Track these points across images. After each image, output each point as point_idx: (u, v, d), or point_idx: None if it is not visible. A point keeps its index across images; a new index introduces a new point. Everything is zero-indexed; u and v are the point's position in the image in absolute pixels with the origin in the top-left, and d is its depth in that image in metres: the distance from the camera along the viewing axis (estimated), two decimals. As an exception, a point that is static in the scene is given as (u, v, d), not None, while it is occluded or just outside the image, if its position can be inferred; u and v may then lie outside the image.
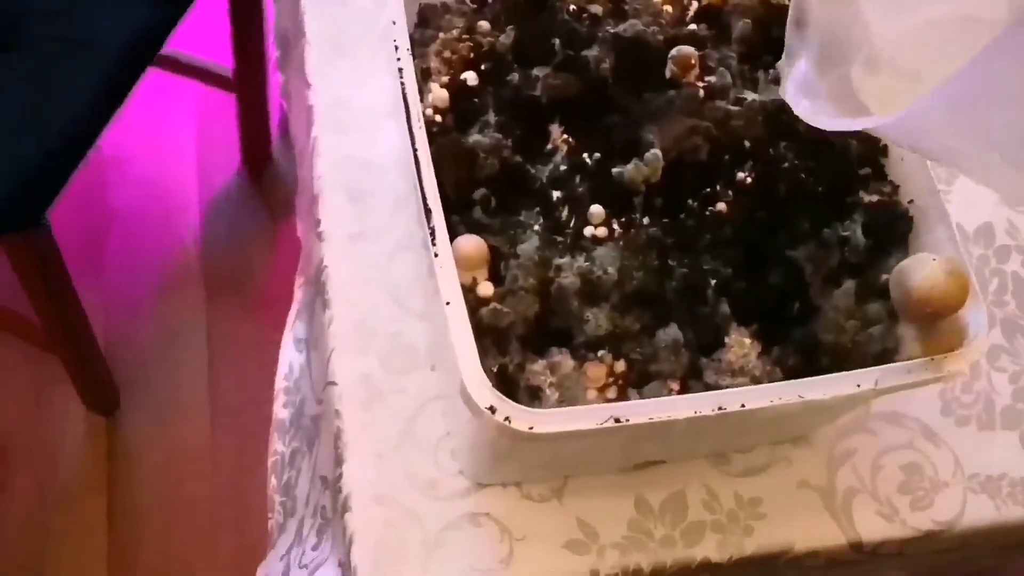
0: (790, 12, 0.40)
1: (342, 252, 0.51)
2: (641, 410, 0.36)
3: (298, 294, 0.66)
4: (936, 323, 0.40)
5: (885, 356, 0.40)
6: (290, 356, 0.65)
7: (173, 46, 1.06)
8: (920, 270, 0.39)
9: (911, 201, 0.44)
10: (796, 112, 0.38)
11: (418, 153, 0.38)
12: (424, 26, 0.43)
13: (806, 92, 0.39)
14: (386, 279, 0.50)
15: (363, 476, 0.46)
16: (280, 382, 0.65)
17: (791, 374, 0.40)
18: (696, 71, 0.44)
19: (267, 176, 1.41)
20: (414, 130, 0.39)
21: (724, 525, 0.48)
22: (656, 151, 0.41)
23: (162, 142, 1.44)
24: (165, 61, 1.18)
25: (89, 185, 1.37)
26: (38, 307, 0.99)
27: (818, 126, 0.38)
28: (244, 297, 1.33)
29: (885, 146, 0.45)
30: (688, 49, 0.43)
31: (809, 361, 0.40)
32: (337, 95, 0.54)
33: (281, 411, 0.65)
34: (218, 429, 1.23)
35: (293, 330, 0.65)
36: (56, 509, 1.14)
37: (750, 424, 0.45)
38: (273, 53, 0.85)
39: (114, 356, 1.23)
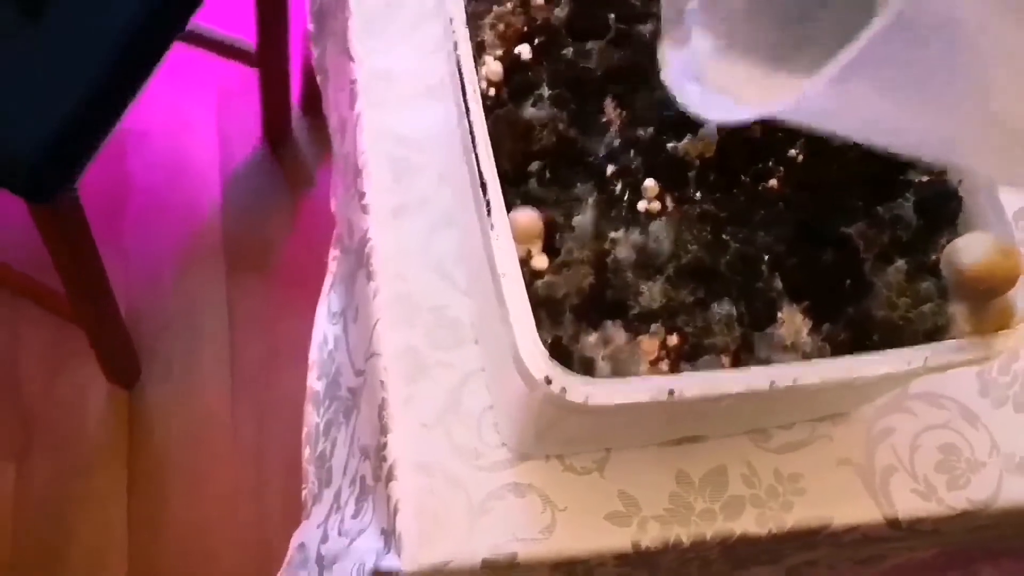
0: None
1: (386, 225, 0.51)
2: (695, 383, 0.37)
3: (332, 266, 0.66)
4: (987, 302, 0.40)
5: (936, 334, 0.40)
6: (324, 328, 0.65)
7: (194, 20, 1.05)
8: (974, 248, 0.39)
9: (960, 181, 0.44)
10: (684, 102, 0.38)
11: (474, 126, 0.39)
12: (478, 0, 0.43)
13: (692, 78, 0.38)
14: (429, 253, 0.50)
15: (407, 446, 0.47)
16: (314, 353, 0.65)
17: (841, 351, 0.40)
18: (750, 47, 0.44)
19: (287, 150, 1.41)
20: (470, 103, 0.39)
21: (763, 500, 0.48)
22: (711, 126, 0.41)
23: (182, 115, 1.44)
24: (187, 35, 1.18)
25: (109, 158, 1.37)
26: (65, 278, 1.00)
27: (710, 117, 0.38)
28: (264, 269, 1.34)
29: (935, 125, 0.45)
30: (742, 25, 0.43)
31: (860, 338, 0.40)
32: (380, 69, 0.54)
33: (315, 383, 0.65)
34: (237, 400, 1.24)
35: (327, 302, 0.66)
36: (77, 478, 1.15)
37: (794, 400, 0.46)
38: (306, 26, 0.85)
39: (134, 328, 1.24)
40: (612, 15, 0.43)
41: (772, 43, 0.38)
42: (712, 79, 0.38)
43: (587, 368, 0.38)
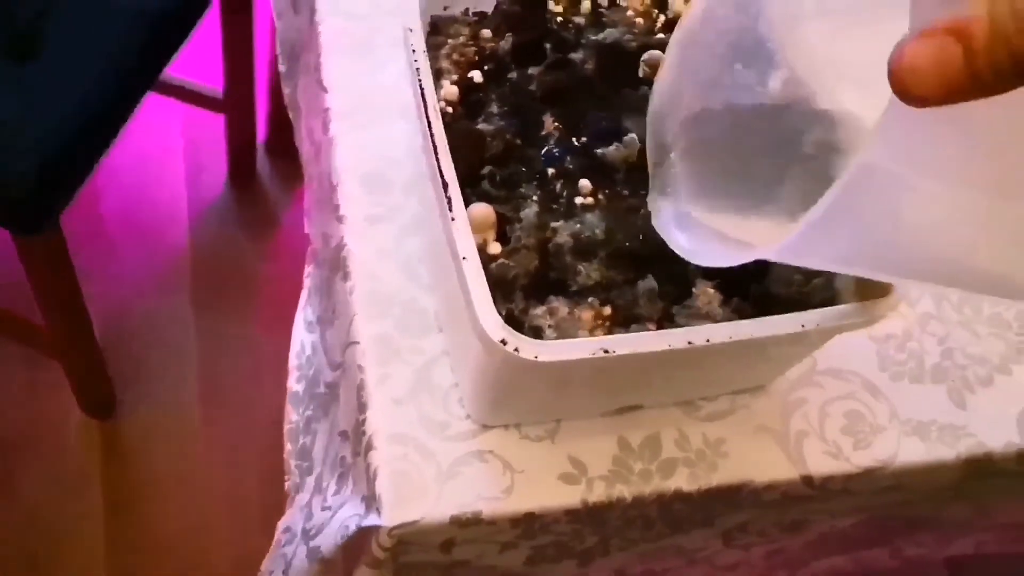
0: (648, 151, 0.44)
1: (360, 232, 0.58)
2: (624, 343, 0.44)
3: (307, 282, 0.73)
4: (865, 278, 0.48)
5: (825, 304, 0.48)
6: (301, 336, 0.72)
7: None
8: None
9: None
10: (674, 248, 0.42)
11: (435, 137, 0.46)
12: (436, 34, 0.51)
13: (681, 225, 0.43)
14: (398, 255, 0.58)
15: (384, 420, 0.53)
16: (293, 360, 0.72)
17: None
18: (665, 71, 0.52)
19: (253, 188, 1.48)
20: (431, 119, 0.47)
21: (693, 461, 0.56)
22: (633, 135, 0.49)
23: (152, 154, 1.50)
24: (158, 83, 1.25)
25: (81, 193, 1.42)
26: (46, 310, 1.05)
27: (699, 263, 0.42)
28: (232, 298, 1.39)
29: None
30: (657, 53, 0.51)
31: (763, 309, 0.48)
32: (352, 95, 0.62)
33: (295, 385, 0.72)
34: (210, 424, 1.28)
35: (304, 314, 0.72)
36: (55, 505, 1.18)
37: (714, 369, 0.53)
38: (269, 73, 0.92)
39: (108, 358, 1.28)
40: (548, 45, 0.51)
41: (747, 190, 0.44)
42: (696, 224, 0.43)
43: (536, 334, 0.45)
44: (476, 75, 0.50)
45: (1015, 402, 0.61)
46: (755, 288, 0.48)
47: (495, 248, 0.46)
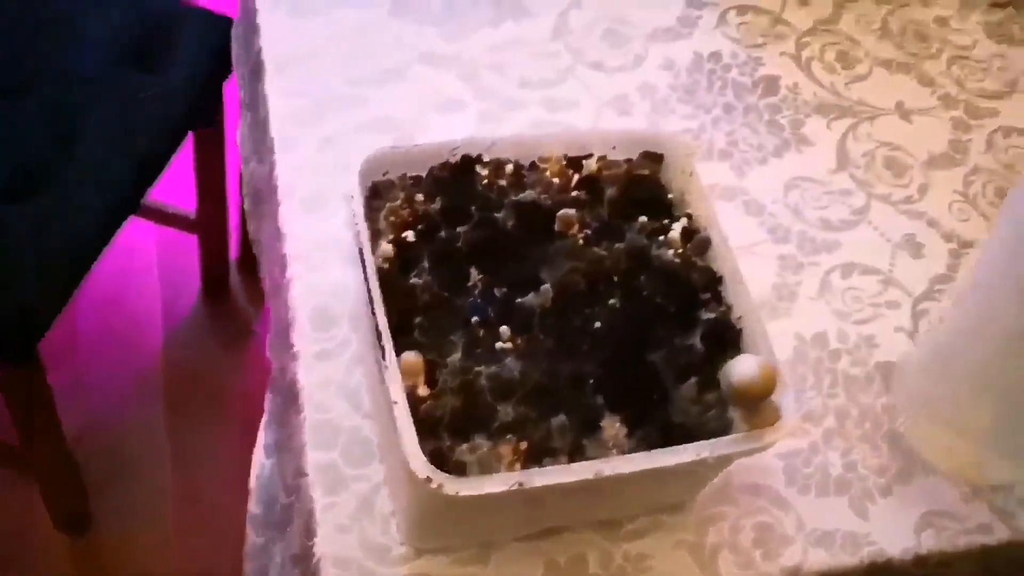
0: None
1: (310, 367, 0.64)
2: (537, 477, 0.50)
3: (267, 407, 0.78)
4: (755, 407, 0.55)
5: (720, 433, 0.54)
6: (261, 460, 0.77)
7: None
8: (739, 368, 0.54)
9: (740, 317, 0.59)
10: None
11: (372, 293, 0.53)
12: (375, 197, 0.58)
13: None
14: (345, 387, 0.64)
15: (329, 545, 0.58)
16: (253, 482, 0.77)
17: (652, 448, 0.53)
18: (577, 226, 0.59)
19: (226, 303, 1.54)
20: (369, 275, 0.53)
21: (617, 577, 0.61)
22: (547, 286, 0.56)
23: (127, 271, 1.56)
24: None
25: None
26: (22, 434, 1.09)
27: None
28: (205, 410, 1.43)
29: (721, 277, 0.60)
30: (569, 211, 0.58)
31: (665, 438, 0.54)
32: (305, 243, 0.68)
33: (255, 507, 0.77)
34: (184, 535, 1.31)
35: (264, 437, 0.78)
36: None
37: (629, 493, 0.59)
38: (242, 204, 0.99)
39: (82, 471, 1.31)
40: (474, 207, 0.58)
41: None
42: None
43: (460, 470, 0.51)
44: (410, 235, 0.57)
45: (913, 510, 0.66)
46: (656, 418, 0.54)
47: (424, 391, 0.52)
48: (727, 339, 0.57)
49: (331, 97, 0.77)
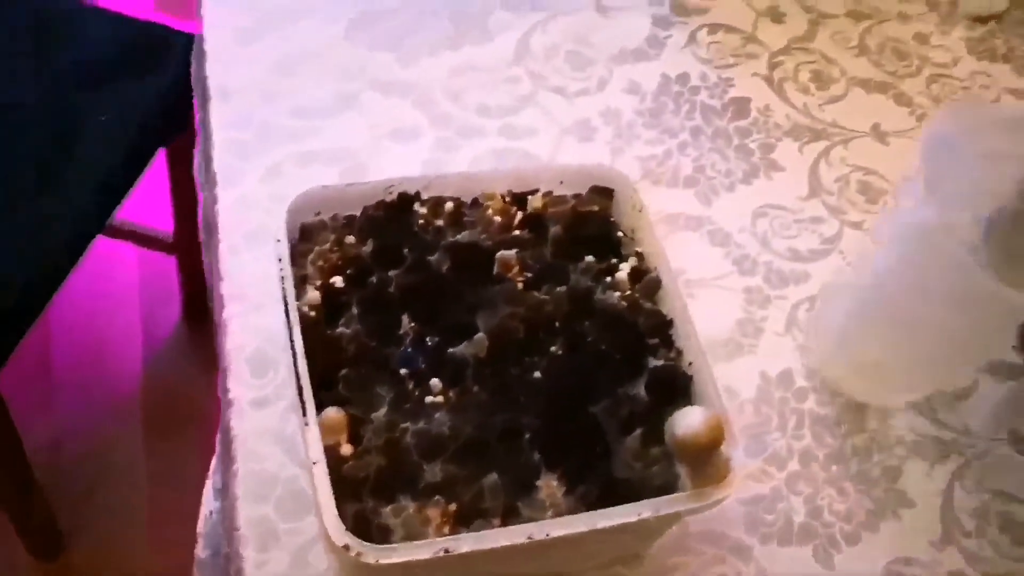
0: None
1: (245, 415, 0.61)
2: (465, 542, 0.47)
3: (218, 448, 0.76)
4: (701, 462, 0.52)
5: (665, 489, 0.51)
6: (209, 503, 0.74)
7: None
8: (685, 421, 0.51)
9: (691, 363, 0.56)
10: None
11: (294, 346, 0.50)
12: (304, 240, 0.55)
13: None
14: (281, 435, 0.61)
15: (260, 605, 0.56)
16: (200, 526, 0.74)
17: (593, 507, 0.50)
18: (517, 268, 0.56)
19: (206, 326, 1.51)
20: (292, 325, 0.50)
21: (567, 633, 0.58)
22: (481, 335, 0.53)
23: (107, 295, 1.54)
24: (109, 228, 1.29)
25: (33, 336, 1.46)
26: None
27: None
28: (182, 437, 1.41)
29: (671, 320, 0.57)
30: (508, 253, 0.55)
31: (607, 495, 0.51)
32: (242, 285, 0.66)
33: (201, 552, 0.74)
34: (157, 555, 1.29)
35: (212, 480, 0.75)
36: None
37: (573, 551, 0.56)
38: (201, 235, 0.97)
39: (57, 497, 1.29)
40: (407, 248, 0.55)
41: None
42: None
43: (385, 534, 0.48)
44: (338, 280, 0.54)
45: (880, 558, 0.63)
46: (598, 474, 0.51)
47: (347, 450, 0.49)
48: (674, 387, 0.54)
49: (278, 126, 0.74)
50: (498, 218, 0.58)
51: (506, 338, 0.53)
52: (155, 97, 1.07)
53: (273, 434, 0.61)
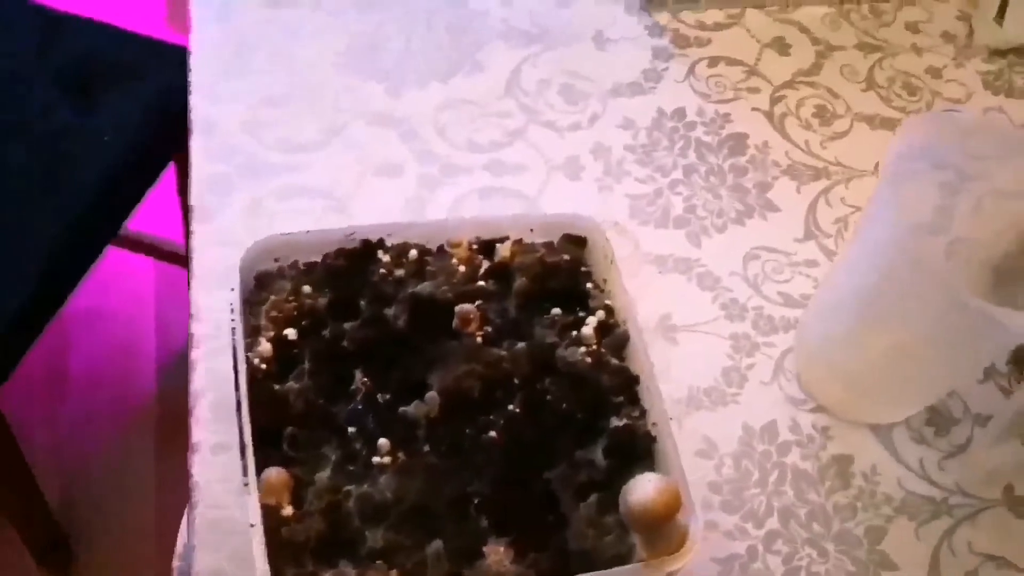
0: None
1: (207, 461, 0.60)
2: (404, 614, 0.46)
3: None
4: (657, 530, 0.50)
5: (620, 559, 0.49)
6: (183, 536, 0.74)
7: (131, 226, 1.18)
8: (636, 489, 0.49)
9: (654, 424, 0.54)
10: None
11: (240, 401, 0.49)
12: (260, 288, 0.55)
13: None
14: (239, 483, 0.60)
15: (209, 659, 0.55)
16: (175, 561, 0.74)
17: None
18: (477, 323, 0.54)
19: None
20: (239, 382, 0.50)
21: None
22: (433, 393, 0.51)
23: (120, 307, 1.55)
24: (122, 239, 1.31)
25: (48, 349, 1.47)
26: (-12, 478, 1.08)
27: None
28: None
29: (636, 376, 0.55)
30: (467, 306, 0.54)
31: (557, 567, 0.49)
32: (212, 324, 0.65)
33: (175, 586, 0.73)
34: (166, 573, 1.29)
35: (188, 513, 0.75)
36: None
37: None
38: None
39: (67, 510, 1.30)
40: (363, 301, 0.54)
41: None
42: None
43: (324, 600, 0.47)
44: (291, 332, 0.53)
45: (860, 627, 0.61)
46: (551, 542, 0.50)
47: (288, 511, 0.48)
48: (634, 451, 0.52)
49: (258, 162, 0.74)
50: (462, 268, 0.57)
51: (461, 396, 0.52)
52: (158, 111, 1.08)
53: (235, 482, 0.60)
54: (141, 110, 1.07)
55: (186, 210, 1.29)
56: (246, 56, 0.79)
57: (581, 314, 0.57)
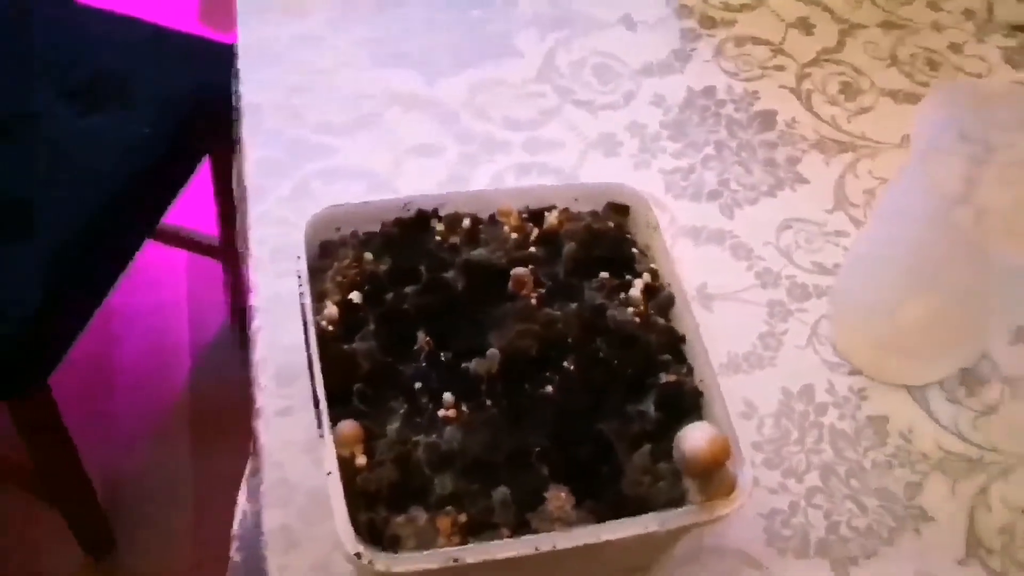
0: None
1: (271, 424, 0.63)
2: (474, 552, 0.48)
3: (251, 452, 0.78)
4: (709, 477, 0.52)
5: (673, 504, 0.52)
6: (243, 505, 0.76)
7: (164, 220, 1.21)
8: (688, 437, 0.52)
9: (701, 380, 0.56)
10: None
11: (312, 359, 0.52)
12: (324, 256, 0.57)
13: None
14: (305, 446, 0.63)
15: (282, 608, 0.58)
16: (235, 528, 0.77)
17: (601, 520, 0.51)
18: (530, 286, 0.57)
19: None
20: (309, 340, 0.52)
21: (577, 644, 0.59)
22: (494, 350, 0.54)
23: (155, 300, 1.59)
24: (159, 233, 1.33)
25: (89, 341, 1.50)
26: (38, 464, 1.11)
27: None
28: (230, 440, 1.45)
29: (683, 336, 0.58)
30: (521, 270, 0.57)
31: (615, 509, 0.52)
32: (269, 298, 0.68)
33: (236, 555, 0.76)
34: (206, 566, 1.33)
35: (248, 483, 0.77)
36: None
37: (581, 564, 0.57)
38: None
39: (109, 497, 1.33)
40: (423, 266, 0.57)
41: None
42: None
43: (396, 543, 0.50)
44: (356, 296, 0.56)
45: (900, 574, 0.63)
46: (606, 489, 0.52)
47: (362, 461, 0.51)
48: (683, 405, 0.55)
49: (305, 144, 0.76)
50: (514, 235, 0.59)
51: (518, 355, 0.55)
52: (195, 106, 1.11)
53: (298, 443, 0.63)
54: (179, 105, 1.10)
55: (223, 201, 1.32)
56: (288, 46, 0.82)
57: (628, 277, 0.59)
